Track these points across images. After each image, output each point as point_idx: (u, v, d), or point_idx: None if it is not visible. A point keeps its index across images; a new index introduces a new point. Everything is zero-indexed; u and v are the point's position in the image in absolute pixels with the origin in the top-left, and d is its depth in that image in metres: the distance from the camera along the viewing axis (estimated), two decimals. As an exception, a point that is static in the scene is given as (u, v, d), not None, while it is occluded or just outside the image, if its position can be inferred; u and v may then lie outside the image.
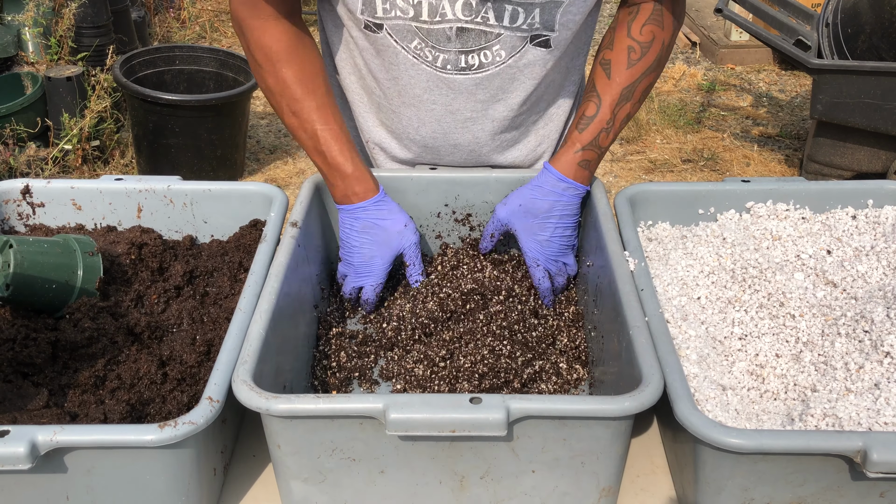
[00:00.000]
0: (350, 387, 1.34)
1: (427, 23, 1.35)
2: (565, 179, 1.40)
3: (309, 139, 1.40)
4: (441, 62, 1.40)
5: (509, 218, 1.42)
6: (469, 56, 1.39)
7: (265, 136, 4.78)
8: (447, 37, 1.36)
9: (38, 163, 3.95)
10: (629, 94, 1.42)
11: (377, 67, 1.45)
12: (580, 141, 1.40)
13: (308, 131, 1.40)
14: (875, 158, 3.82)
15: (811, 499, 1.05)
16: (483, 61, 1.40)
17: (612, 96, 1.41)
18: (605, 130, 1.41)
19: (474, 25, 1.35)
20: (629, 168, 4.52)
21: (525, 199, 1.41)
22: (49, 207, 1.50)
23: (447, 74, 1.42)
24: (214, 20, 6.19)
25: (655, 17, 1.42)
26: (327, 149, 1.39)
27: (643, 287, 1.23)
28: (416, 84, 1.44)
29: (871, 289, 1.28)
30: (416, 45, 1.38)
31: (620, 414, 1.01)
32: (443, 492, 1.10)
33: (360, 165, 1.40)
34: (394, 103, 1.49)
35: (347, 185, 1.39)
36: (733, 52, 5.71)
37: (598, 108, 1.41)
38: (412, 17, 1.35)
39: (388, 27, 1.37)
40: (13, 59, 4.51)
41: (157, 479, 1.04)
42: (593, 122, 1.40)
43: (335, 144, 1.39)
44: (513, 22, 1.35)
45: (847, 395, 1.12)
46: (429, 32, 1.36)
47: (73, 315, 1.24)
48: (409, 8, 1.34)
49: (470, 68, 1.41)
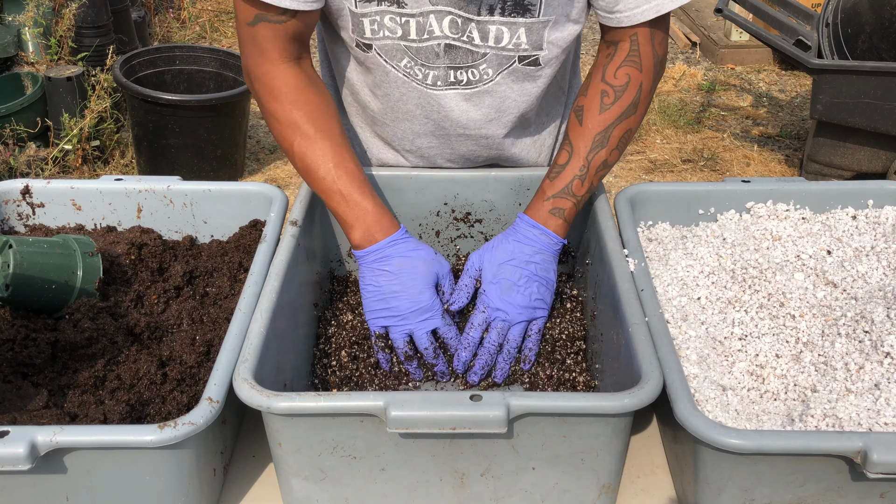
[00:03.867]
0: (350, 385, 1.33)
1: (416, 41, 1.34)
2: (537, 226, 1.34)
3: (324, 180, 1.33)
4: (431, 79, 1.38)
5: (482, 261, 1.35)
6: (458, 72, 1.37)
7: (265, 136, 4.78)
8: (435, 53, 1.35)
9: (38, 163, 3.95)
10: (603, 141, 1.35)
11: (371, 83, 1.44)
12: (551, 189, 1.35)
13: (323, 172, 1.33)
14: (875, 158, 3.82)
15: (811, 499, 1.05)
16: (471, 78, 1.38)
17: (585, 143, 1.35)
18: (580, 178, 1.35)
19: (461, 44, 1.34)
20: (629, 168, 4.52)
21: (496, 243, 1.36)
22: (49, 208, 1.50)
23: (437, 91, 1.40)
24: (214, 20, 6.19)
25: (632, 58, 1.35)
26: (344, 187, 1.32)
27: (643, 287, 1.23)
28: (407, 100, 1.43)
29: (872, 289, 1.28)
30: (405, 63, 1.37)
31: (620, 411, 1.01)
32: (443, 489, 1.10)
33: (379, 203, 1.34)
34: (388, 118, 1.48)
35: (368, 224, 1.32)
36: (733, 52, 5.71)
37: (570, 156, 1.35)
38: (400, 37, 1.33)
39: (377, 47, 1.35)
40: (13, 59, 4.51)
41: (156, 480, 1.04)
42: (565, 170, 1.35)
43: (353, 183, 1.32)
44: (497, 42, 1.33)
45: (847, 395, 1.12)
46: (417, 51, 1.35)
47: (72, 315, 1.24)
48: (398, 28, 1.32)
49: (459, 83, 1.39)
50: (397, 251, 1.31)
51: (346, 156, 1.34)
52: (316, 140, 1.33)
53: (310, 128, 1.33)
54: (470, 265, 1.36)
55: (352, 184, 1.32)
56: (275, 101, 1.35)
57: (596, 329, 1.32)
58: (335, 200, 1.33)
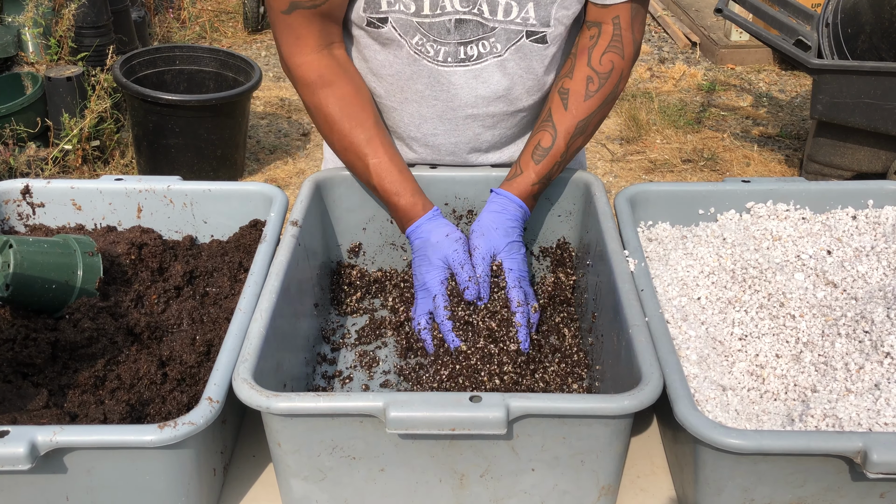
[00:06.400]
0: (350, 385, 1.33)
1: (429, 16, 1.36)
2: (523, 206, 1.41)
3: (363, 173, 1.43)
4: (442, 55, 1.41)
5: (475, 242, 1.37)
6: (468, 47, 1.40)
7: (265, 136, 4.78)
8: (447, 29, 1.38)
9: (38, 163, 3.95)
10: (584, 128, 1.42)
11: (380, 64, 1.46)
12: (536, 173, 1.41)
13: (360, 167, 1.42)
14: (875, 158, 3.82)
15: (811, 499, 1.05)
16: (481, 51, 1.41)
17: (568, 129, 1.41)
18: (559, 164, 1.42)
19: (471, 16, 1.37)
20: (629, 168, 4.52)
21: (499, 223, 1.38)
22: (49, 207, 1.50)
23: (448, 68, 1.42)
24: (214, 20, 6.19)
25: (615, 43, 1.41)
26: (379, 181, 1.41)
27: (643, 287, 1.23)
28: (417, 79, 1.45)
29: (872, 289, 1.28)
30: (417, 40, 1.40)
31: (620, 412, 1.01)
32: (443, 490, 1.10)
33: (413, 192, 1.41)
34: (395, 100, 1.50)
35: (401, 215, 1.41)
36: (733, 52, 5.71)
37: (554, 140, 1.41)
38: (414, 13, 1.36)
39: (392, 20, 1.38)
40: (13, 59, 4.51)
41: (156, 480, 1.04)
42: (549, 154, 1.41)
43: (387, 176, 1.40)
44: (507, 16, 1.37)
45: (847, 395, 1.12)
46: (430, 26, 1.38)
47: (72, 315, 1.24)
48: (411, 3, 1.35)
49: (469, 59, 1.42)
50: (416, 234, 1.40)
51: (378, 149, 1.41)
52: (352, 135, 1.41)
53: (345, 123, 1.41)
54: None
55: (385, 178, 1.41)
56: (310, 93, 1.42)
57: (596, 330, 1.32)
58: (376, 193, 1.44)
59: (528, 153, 1.42)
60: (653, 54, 5.92)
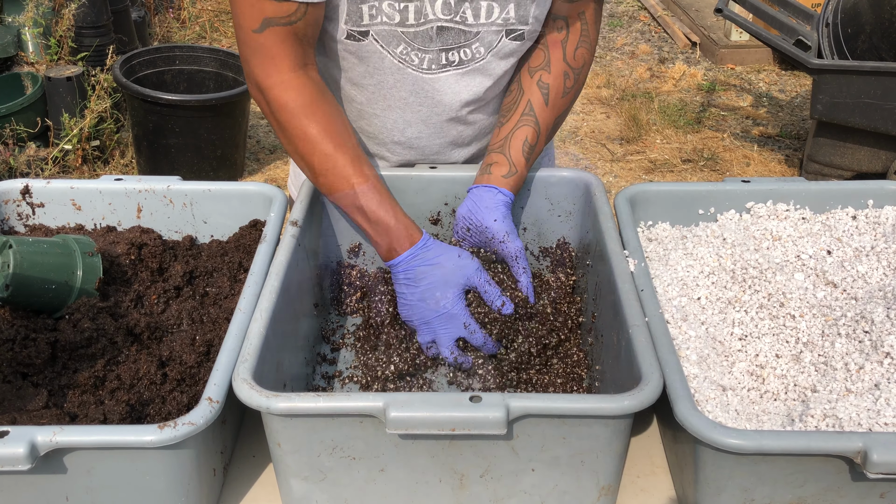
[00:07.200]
0: (350, 385, 1.33)
1: (413, 26, 1.36)
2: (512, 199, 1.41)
3: (345, 197, 1.34)
4: (427, 63, 1.41)
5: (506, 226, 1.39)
6: (450, 53, 1.40)
7: (265, 136, 4.78)
8: (429, 37, 1.37)
9: (38, 163, 3.95)
10: (559, 123, 1.46)
11: (360, 75, 1.44)
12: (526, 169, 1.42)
13: (345, 189, 1.33)
14: (875, 158, 3.82)
15: (811, 499, 1.05)
16: (463, 58, 1.41)
17: (548, 125, 1.44)
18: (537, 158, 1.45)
19: (453, 24, 1.37)
20: (629, 168, 4.52)
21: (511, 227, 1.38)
22: (49, 208, 1.50)
23: (431, 74, 1.42)
24: (214, 20, 6.19)
25: (584, 38, 1.45)
26: (366, 203, 1.33)
27: (643, 287, 1.23)
28: (401, 87, 1.44)
29: (872, 289, 1.28)
30: (401, 50, 1.38)
31: (620, 413, 1.01)
32: (443, 490, 1.10)
33: (402, 217, 1.34)
34: (378, 107, 1.48)
35: (392, 239, 1.33)
36: (733, 52, 5.71)
37: (538, 136, 1.43)
38: (398, 23, 1.35)
39: (373, 33, 1.36)
40: (13, 59, 4.51)
41: (156, 480, 1.04)
42: (535, 150, 1.43)
43: (374, 197, 1.33)
44: (489, 17, 1.37)
45: (847, 395, 1.12)
46: (414, 35, 1.37)
47: (72, 315, 1.24)
48: (395, 14, 1.34)
49: (451, 64, 1.42)
50: (418, 261, 1.32)
51: (364, 170, 1.34)
52: (335, 156, 1.33)
53: (328, 144, 1.32)
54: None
55: (372, 200, 1.33)
56: (288, 115, 1.33)
57: (596, 330, 1.32)
58: (358, 218, 1.35)
59: (519, 149, 1.41)
60: (653, 54, 5.92)
